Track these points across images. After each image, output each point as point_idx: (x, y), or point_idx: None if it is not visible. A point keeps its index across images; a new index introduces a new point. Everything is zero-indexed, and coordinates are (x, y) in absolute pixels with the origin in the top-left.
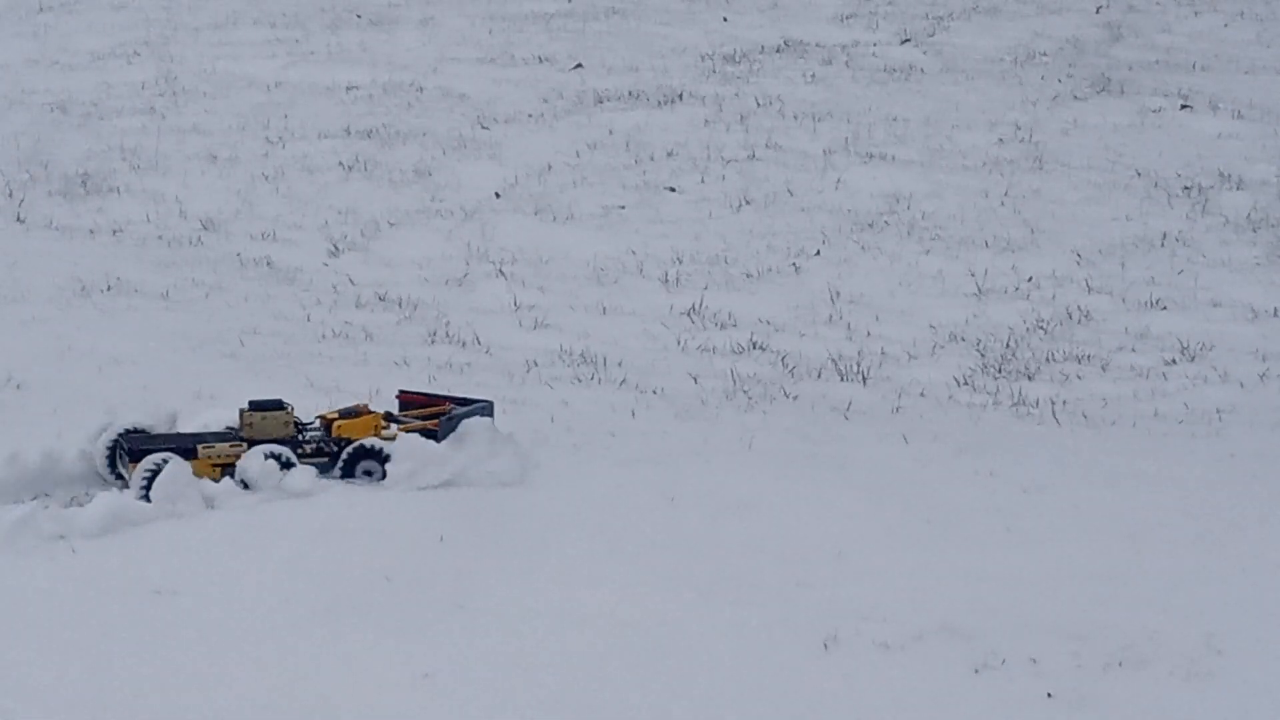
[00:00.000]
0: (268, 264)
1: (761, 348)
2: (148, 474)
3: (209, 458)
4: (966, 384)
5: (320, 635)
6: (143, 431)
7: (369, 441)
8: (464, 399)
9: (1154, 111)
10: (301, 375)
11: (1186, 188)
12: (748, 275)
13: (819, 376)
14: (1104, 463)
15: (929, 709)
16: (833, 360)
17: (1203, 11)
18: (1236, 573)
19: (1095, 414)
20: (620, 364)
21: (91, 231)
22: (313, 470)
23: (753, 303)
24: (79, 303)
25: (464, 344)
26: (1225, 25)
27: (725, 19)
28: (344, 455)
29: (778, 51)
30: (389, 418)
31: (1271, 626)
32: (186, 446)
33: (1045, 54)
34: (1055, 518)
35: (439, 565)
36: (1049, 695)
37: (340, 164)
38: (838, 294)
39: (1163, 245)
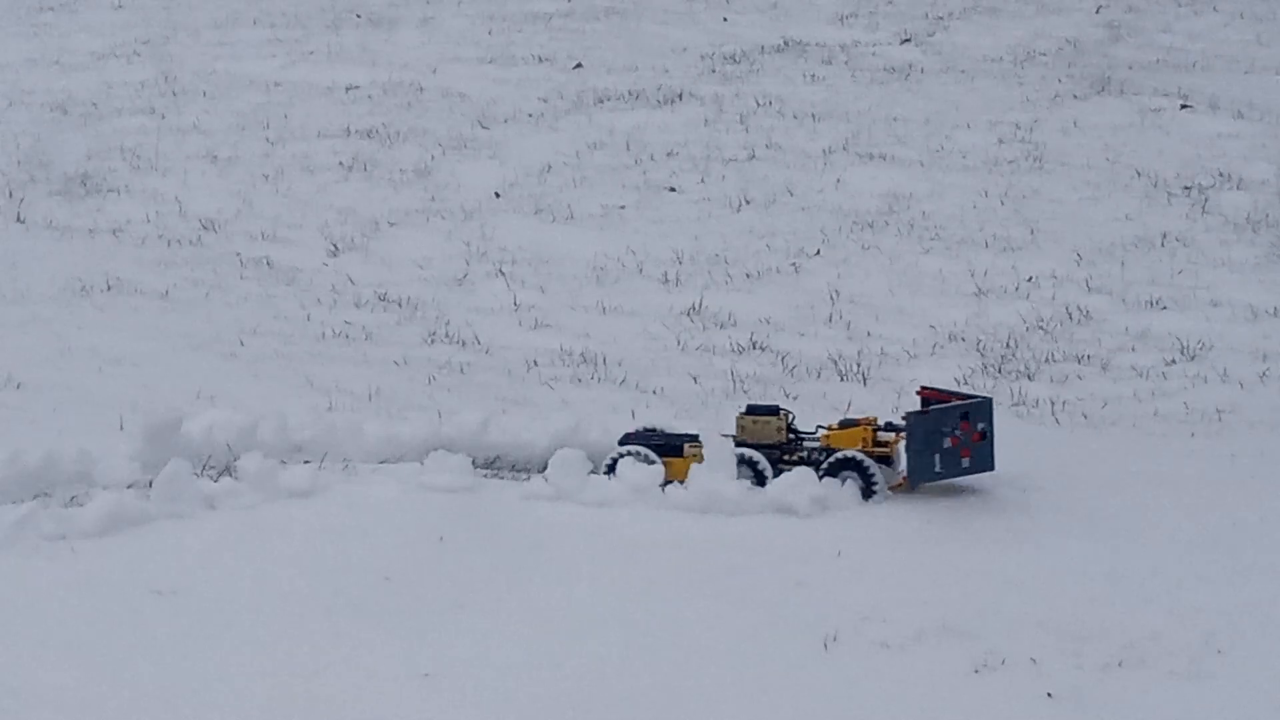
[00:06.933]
0: (268, 264)
1: (761, 348)
2: (611, 459)
3: (692, 456)
4: (966, 384)
5: (320, 635)
6: (655, 430)
7: (850, 453)
8: (968, 395)
9: (1154, 111)
10: (301, 375)
11: (1186, 188)
12: (748, 275)
13: (819, 376)
14: (1104, 463)
15: (929, 709)
16: (833, 360)
17: (1203, 11)
18: (1236, 573)
19: (1095, 414)
20: (620, 364)
21: (91, 231)
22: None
23: (753, 303)
24: (79, 303)
25: (464, 344)
26: (1225, 25)
27: (725, 19)
28: (824, 466)
29: (778, 51)
30: (888, 428)
31: (1271, 626)
32: (672, 444)
33: (1045, 54)
34: (1055, 518)
35: (439, 565)
36: (1049, 695)
37: (340, 164)
38: (838, 294)
39: (1163, 245)
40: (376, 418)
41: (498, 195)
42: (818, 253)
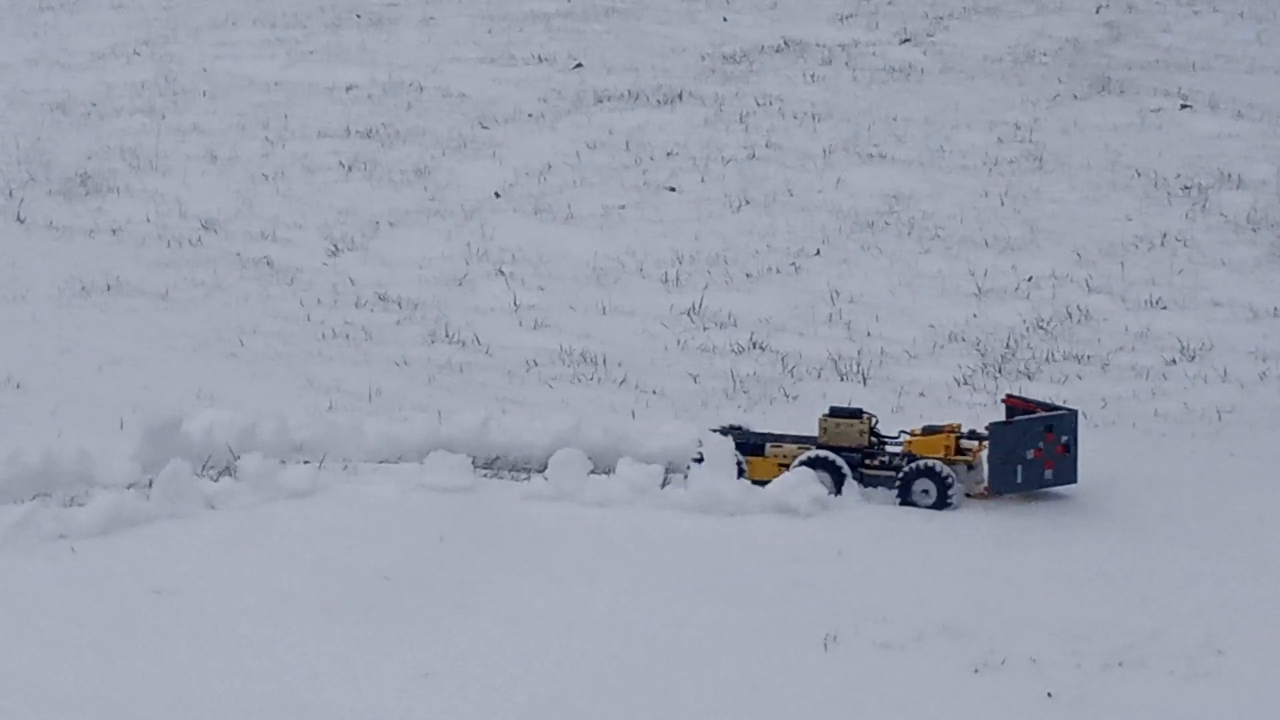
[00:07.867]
0: (268, 264)
1: (761, 348)
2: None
3: (774, 456)
4: (966, 384)
5: (320, 635)
6: (740, 428)
7: (928, 462)
8: (1054, 406)
9: (1154, 111)
10: (301, 375)
11: (1186, 188)
12: (748, 275)
13: (819, 376)
14: (1104, 463)
15: (929, 709)
16: (833, 360)
17: (1203, 11)
18: (1237, 573)
19: (1095, 414)
20: (620, 364)
21: (91, 231)
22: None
23: (753, 303)
24: (79, 303)
25: (464, 344)
26: (1225, 25)
27: (725, 19)
28: (902, 474)
29: (778, 51)
30: (971, 436)
31: (1271, 626)
32: (754, 443)
33: (1045, 54)
34: (1054, 518)
35: (439, 565)
36: (1049, 695)
37: (340, 164)
38: (838, 294)
39: (1163, 245)
40: (376, 418)
41: (498, 195)
42: (818, 253)
